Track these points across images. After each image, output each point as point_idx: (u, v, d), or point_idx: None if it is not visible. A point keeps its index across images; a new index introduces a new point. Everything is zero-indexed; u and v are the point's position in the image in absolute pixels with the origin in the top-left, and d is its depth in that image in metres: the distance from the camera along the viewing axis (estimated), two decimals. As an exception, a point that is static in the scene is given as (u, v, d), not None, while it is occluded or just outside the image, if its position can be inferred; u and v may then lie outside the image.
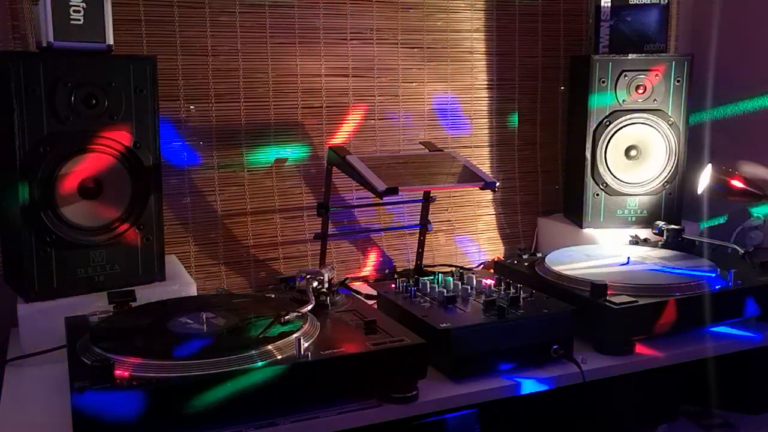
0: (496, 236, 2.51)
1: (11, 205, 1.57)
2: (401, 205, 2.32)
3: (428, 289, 1.64)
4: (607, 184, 2.25)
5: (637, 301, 1.55)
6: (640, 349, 1.57)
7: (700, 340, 1.62)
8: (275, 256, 2.20)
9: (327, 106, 2.21)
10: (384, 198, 1.80)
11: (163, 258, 1.72)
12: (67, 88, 1.55)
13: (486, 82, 2.42)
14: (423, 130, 2.35)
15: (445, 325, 1.42)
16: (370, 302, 1.72)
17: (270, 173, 2.17)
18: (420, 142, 2.25)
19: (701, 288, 1.65)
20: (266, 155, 2.16)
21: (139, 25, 1.96)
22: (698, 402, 1.64)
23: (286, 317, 1.35)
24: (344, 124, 2.24)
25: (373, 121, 2.28)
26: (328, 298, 1.54)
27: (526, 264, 1.89)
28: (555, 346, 1.48)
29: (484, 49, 2.40)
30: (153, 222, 1.69)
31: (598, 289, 1.58)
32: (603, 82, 2.20)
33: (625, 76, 2.20)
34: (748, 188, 2.15)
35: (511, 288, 1.61)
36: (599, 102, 2.21)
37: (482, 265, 2.39)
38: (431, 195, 2.19)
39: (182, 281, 1.75)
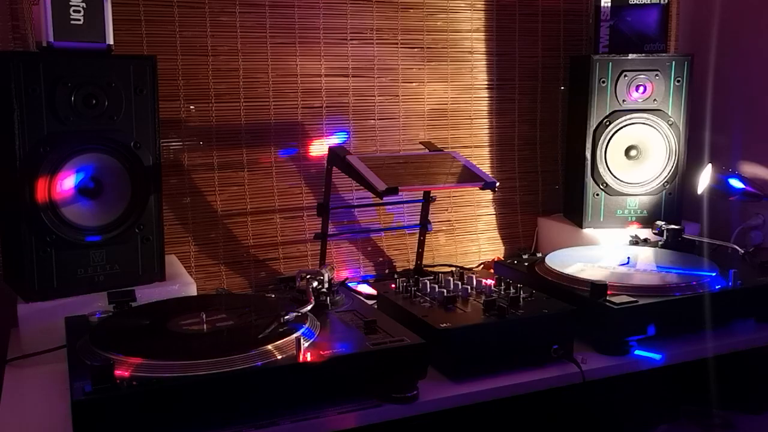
0: (496, 236, 2.50)
1: (11, 206, 1.57)
2: (401, 205, 2.32)
3: (428, 289, 1.64)
4: (607, 184, 2.25)
5: (637, 301, 1.55)
6: (639, 349, 1.57)
7: (700, 340, 1.62)
8: (275, 256, 2.20)
9: (327, 106, 2.21)
10: (384, 198, 1.80)
11: (163, 258, 1.72)
12: (67, 88, 1.55)
13: (486, 82, 2.42)
14: (423, 130, 2.35)
15: (445, 325, 1.42)
16: (370, 302, 1.72)
17: (270, 173, 2.17)
18: (420, 142, 2.25)
19: (701, 288, 1.64)
20: (266, 155, 2.16)
21: (139, 25, 1.96)
22: (698, 402, 1.64)
23: (286, 317, 1.35)
24: (344, 124, 2.24)
25: (373, 121, 2.28)
26: (328, 298, 1.54)
27: (526, 264, 1.88)
28: (555, 346, 1.48)
29: (484, 49, 2.39)
30: (153, 222, 1.69)
31: (598, 289, 1.58)
32: (603, 82, 2.20)
33: (625, 76, 2.20)
34: (748, 188, 2.15)
35: (511, 288, 1.61)
36: (599, 102, 2.21)
37: (482, 265, 2.39)
38: (431, 195, 2.19)
39: (182, 281, 1.75)
